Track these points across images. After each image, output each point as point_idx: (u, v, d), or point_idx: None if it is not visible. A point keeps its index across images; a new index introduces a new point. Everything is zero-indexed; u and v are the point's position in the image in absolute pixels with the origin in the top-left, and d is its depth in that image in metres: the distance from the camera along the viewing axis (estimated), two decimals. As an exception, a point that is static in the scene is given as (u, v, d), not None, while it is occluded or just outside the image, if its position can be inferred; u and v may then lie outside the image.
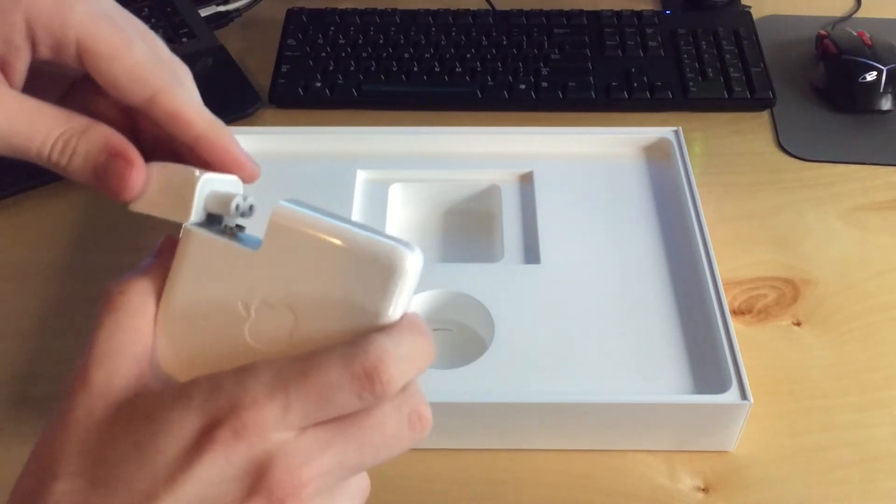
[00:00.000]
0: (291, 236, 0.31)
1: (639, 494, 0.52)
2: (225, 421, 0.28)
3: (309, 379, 0.29)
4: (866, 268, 0.65)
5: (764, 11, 0.90)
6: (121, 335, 0.32)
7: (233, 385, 0.29)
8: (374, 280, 0.30)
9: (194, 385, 0.30)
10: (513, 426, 0.53)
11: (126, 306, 0.32)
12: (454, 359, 0.56)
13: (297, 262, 0.31)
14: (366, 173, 0.68)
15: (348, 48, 0.83)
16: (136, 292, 0.32)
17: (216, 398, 0.29)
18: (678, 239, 0.62)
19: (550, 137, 0.70)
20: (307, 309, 0.31)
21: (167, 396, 0.30)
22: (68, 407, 0.31)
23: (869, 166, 0.74)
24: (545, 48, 0.83)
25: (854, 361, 0.59)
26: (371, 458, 0.30)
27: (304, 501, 0.29)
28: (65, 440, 0.30)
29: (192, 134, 0.33)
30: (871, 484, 0.53)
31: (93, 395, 0.31)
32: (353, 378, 0.29)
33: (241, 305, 0.32)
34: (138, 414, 0.30)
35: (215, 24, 0.88)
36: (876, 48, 0.79)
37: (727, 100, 0.79)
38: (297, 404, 0.29)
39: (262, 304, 0.31)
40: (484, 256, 0.64)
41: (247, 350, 0.32)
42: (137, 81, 0.32)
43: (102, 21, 0.32)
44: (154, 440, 0.29)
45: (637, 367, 0.55)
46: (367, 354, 0.29)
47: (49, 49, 0.32)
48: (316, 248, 0.31)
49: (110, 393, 0.31)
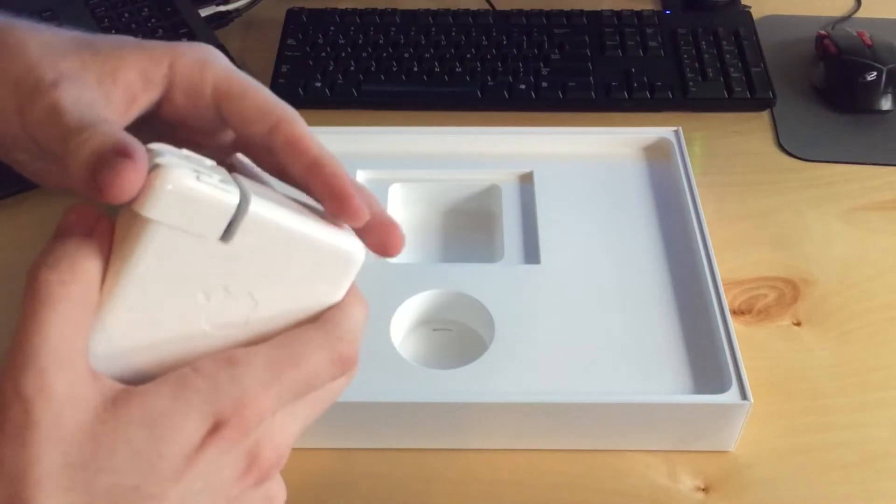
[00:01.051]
0: (264, 231, 0.31)
1: (639, 494, 0.52)
2: (230, 420, 0.30)
3: (298, 369, 0.32)
4: (866, 268, 0.65)
5: (764, 11, 0.90)
6: (70, 332, 0.29)
7: (230, 383, 0.30)
8: (335, 270, 0.34)
9: (189, 385, 0.30)
10: (512, 426, 0.53)
11: (70, 299, 0.30)
12: (454, 359, 0.56)
13: (266, 253, 0.32)
14: (366, 173, 0.68)
15: (348, 48, 0.83)
16: (80, 281, 0.30)
17: (216, 399, 0.30)
18: (678, 239, 0.62)
19: (550, 137, 0.70)
20: (268, 295, 0.33)
21: (163, 399, 0.30)
22: (26, 421, 0.28)
23: (869, 166, 0.74)
24: (545, 48, 0.83)
25: (854, 361, 0.59)
26: (322, 411, 0.35)
27: (283, 464, 0.34)
28: (37, 457, 0.28)
29: (306, 160, 0.35)
30: (871, 484, 0.53)
31: (58, 404, 0.28)
32: (333, 364, 0.33)
33: (201, 294, 0.32)
34: (131, 419, 0.29)
35: (215, 24, 0.88)
36: (876, 48, 0.79)
37: (727, 100, 0.79)
38: (287, 392, 0.32)
39: (224, 291, 0.32)
40: (484, 256, 0.64)
41: (202, 335, 0.32)
42: (264, 114, 0.36)
43: (232, 72, 0.37)
44: (157, 445, 0.29)
45: (637, 367, 0.55)
46: (342, 341, 0.33)
47: (182, 92, 0.36)
48: (287, 242, 0.32)
49: (78, 399, 0.29)
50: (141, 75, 0.35)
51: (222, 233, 0.31)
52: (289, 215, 0.32)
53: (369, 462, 0.54)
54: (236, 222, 0.31)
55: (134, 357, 0.31)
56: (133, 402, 0.30)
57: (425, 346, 0.59)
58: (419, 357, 0.58)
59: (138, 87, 0.35)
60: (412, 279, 0.59)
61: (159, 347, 0.32)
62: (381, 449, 0.54)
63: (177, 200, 0.30)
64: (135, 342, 0.31)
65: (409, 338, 0.59)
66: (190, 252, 0.31)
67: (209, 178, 0.30)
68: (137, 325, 0.31)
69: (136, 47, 0.36)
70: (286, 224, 0.32)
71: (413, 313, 0.59)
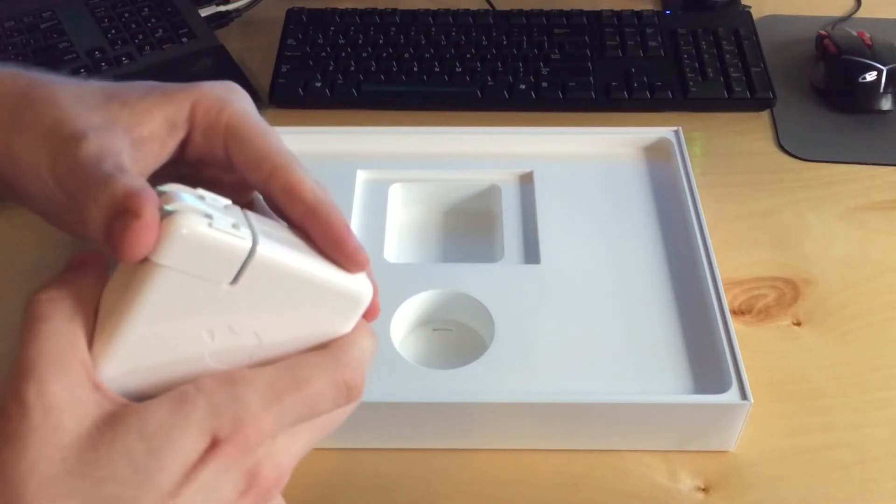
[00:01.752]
0: (271, 273, 0.32)
1: (639, 494, 0.52)
2: (229, 437, 0.30)
3: (301, 391, 0.32)
4: (866, 268, 0.65)
5: (764, 11, 0.90)
6: (65, 342, 0.30)
7: (231, 400, 0.31)
8: (342, 308, 0.34)
9: (189, 401, 0.30)
10: (513, 426, 0.53)
11: (59, 313, 0.31)
12: (454, 359, 0.56)
13: (273, 294, 0.32)
14: (366, 173, 0.68)
15: (348, 48, 0.83)
16: (68, 298, 0.31)
17: (216, 415, 0.30)
18: (678, 239, 0.62)
19: (550, 137, 0.70)
20: (273, 333, 0.33)
21: (163, 413, 0.30)
22: (26, 426, 0.28)
23: (869, 166, 0.74)
24: (545, 48, 0.83)
25: (854, 361, 0.59)
26: (324, 435, 0.36)
27: (283, 485, 0.34)
28: (37, 462, 0.28)
29: (302, 208, 0.35)
30: (871, 484, 0.53)
31: (58, 410, 0.29)
32: (337, 389, 0.33)
33: (205, 333, 0.32)
34: (130, 430, 0.29)
35: (215, 24, 0.88)
36: (876, 48, 0.79)
37: (727, 100, 0.79)
38: (289, 414, 0.32)
39: (229, 330, 0.32)
40: (484, 256, 0.64)
41: (203, 367, 0.32)
42: (262, 161, 0.36)
43: (245, 115, 0.37)
44: (156, 458, 0.29)
45: (637, 367, 0.55)
46: (347, 367, 0.34)
47: (201, 132, 0.37)
48: (293, 283, 0.32)
49: (78, 406, 0.29)
50: (166, 121, 0.36)
51: (232, 278, 0.31)
52: (297, 257, 0.32)
53: (370, 462, 0.54)
54: (245, 266, 0.31)
55: (135, 381, 0.32)
56: (133, 415, 0.30)
57: (425, 346, 0.59)
58: (419, 357, 0.58)
59: (164, 134, 0.36)
60: (412, 279, 0.59)
61: (162, 374, 0.32)
62: (382, 449, 0.54)
63: (188, 247, 0.30)
64: (137, 368, 0.32)
65: (409, 338, 0.59)
66: (197, 293, 0.31)
67: (221, 223, 0.30)
68: (140, 355, 0.31)
69: (161, 94, 0.36)
70: (294, 266, 0.32)
71: (413, 313, 0.59)
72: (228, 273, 0.31)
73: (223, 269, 0.31)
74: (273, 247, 0.32)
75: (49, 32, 0.84)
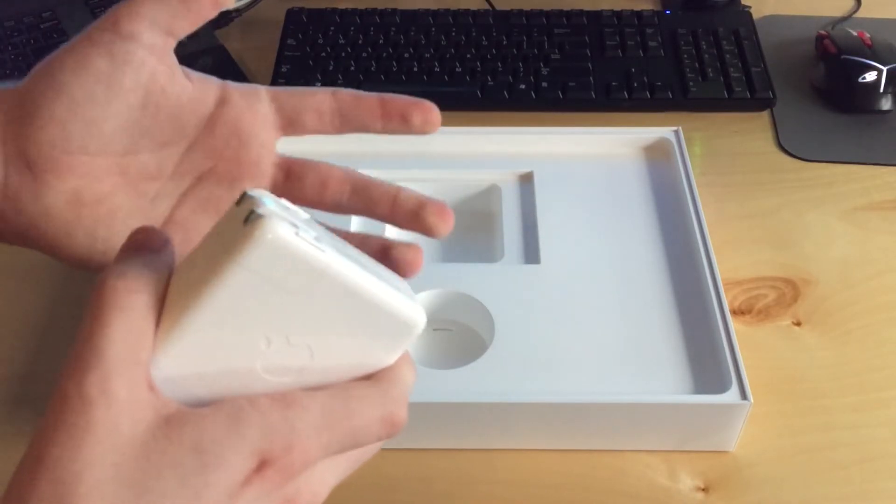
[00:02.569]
0: (341, 291, 0.31)
1: (639, 494, 0.52)
2: (277, 461, 0.30)
3: (351, 422, 0.32)
4: (866, 268, 0.65)
5: (764, 11, 0.90)
6: (134, 340, 0.29)
7: (284, 423, 0.30)
8: (395, 334, 0.33)
9: (245, 420, 0.30)
10: (513, 426, 0.53)
11: (136, 307, 0.30)
12: (454, 359, 0.56)
13: (337, 312, 0.32)
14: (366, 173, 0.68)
15: (348, 48, 0.83)
16: (146, 292, 0.30)
17: (269, 437, 0.30)
18: (678, 239, 0.62)
19: (550, 137, 0.70)
20: (326, 349, 0.32)
21: (217, 428, 0.29)
22: (84, 422, 0.28)
23: (869, 166, 0.74)
24: (545, 48, 0.83)
25: (854, 361, 0.59)
26: (359, 465, 0.36)
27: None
28: (91, 464, 0.27)
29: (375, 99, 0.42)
30: (871, 484, 0.53)
31: (117, 410, 0.28)
32: (384, 424, 0.33)
33: (263, 340, 0.32)
34: (183, 442, 0.29)
35: (215, 24, 0.88)
36: (876, 48, 0.79)
37: (727, 100, 0.79)
38: (336, 444, 0.32)
39: (285, 340, 0.32)
40: (484, 256, 0.64)
41: (254, 378, 0.32)
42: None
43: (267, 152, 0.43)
44: (204, 473, 0.29)
45: (637, 367, 0.55)
46: (395, 402, 0.33)
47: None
48: (359, 305, 0.32)
49: (136, 408, 0.28)
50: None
51: (306, 289, 0.31)
52: (367, 278, 0.32)
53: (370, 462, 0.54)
54: (322, 279, 0.31)
55: (187, 384, 0.31)
56: (187, 425, 0.29)
57: (425, 346, 0.59)
58: (419, 357, 0.58)
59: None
60: (412, 279, 0.59)
61: (212, 380, 0.31)
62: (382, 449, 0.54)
63: (272, 253, 0.29)
64: (191, 370, 0.31)
65: (410, 338, 0.59)
66: (267, 299, 0.31)
67: (306, 234, 0.30)
68: (197, 356, 0.31)
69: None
70: (364, 287, 0.32)
71: (413, 313, 0.59)
72: (304, 284, 0.31)
73: (300, 280, 0.30)
74: (349, 265, 0.31)
75: (49, 32, 0.84)
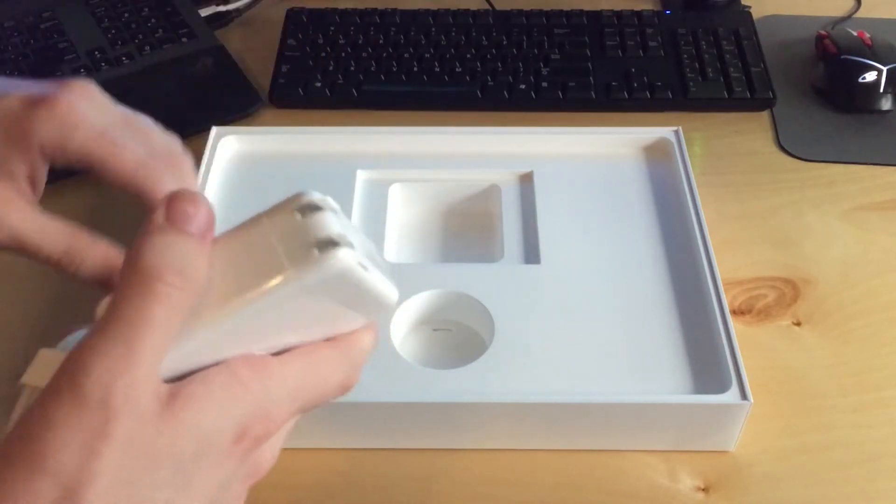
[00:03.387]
0: (358, 291, 0.32)
1: (639, 494, 0.52)
2: (255, 430, 0.31)
3: (319, 390, 0.33)
4: (866, 268, 0.65)
5: (764, 11, 0.90)
6: (168, 344, 0.29)
7: (264, 396, 0.31)
8: (372, 310, 0.34)
9: (235, 398, 0.30)
10: (513, 426, 0.53)
11: (183, 309, 0.29)
12: (454, 359, 0.56)
13: (338, 297, 0.32)
14: (366, 173, 0.68)
15: (348, 48, 0.83)
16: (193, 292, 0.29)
17: (252, 411, 0.30)
18: (678, 239, 0.62)
19: (550, 137, 0.70)
20: (310, 323, 0.33)
21: (211, 411, 0.29)
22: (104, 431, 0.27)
23: (869, 166, 0.74)
24: (545, 48, 0.83)
25: (854, 361, 0.59)
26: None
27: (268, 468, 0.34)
28: (102, 472, 0.27)
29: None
30: (871, 484, 0.53)
31: (138, 420, 0.27)
32: (342, 388, 0.34)
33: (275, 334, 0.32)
34: (183, 433, 0.28)
35: (215, 24, 0.88)
36: (876, 48, 0.79)
37: (727, 100, 0.79)
38: (302, 408, 0.33)
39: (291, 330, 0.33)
40: (484, 256, 0.64)
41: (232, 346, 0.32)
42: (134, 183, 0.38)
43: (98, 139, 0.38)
44: (198, 459, 0.29)
45: (637, 367, 0.55)
46: (354, 368, 0.34)
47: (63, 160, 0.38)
48: (364, 297, 0.32)
49: (148, 413, 0.28)
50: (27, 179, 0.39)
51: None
52: (376, 274, 0.32)
53: (370, 462, 0.54)
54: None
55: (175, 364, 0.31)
56: (185, 412, 0.29)
57: (425, 346, 0.59)
58: (419, 357, 0.58)
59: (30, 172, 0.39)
60: (412, 279, 0.59)
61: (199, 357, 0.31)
62: (382, 449, 0.54)
63: (334, 278, 0.30)
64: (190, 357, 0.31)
65: (409, 338, 0.59)
66: (295, 306, 0.31)
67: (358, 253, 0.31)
68: (204, 349, 0.31)
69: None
70: (376, 287, 0.32)
71: (413, 313, 0.59)
72: (338, 294, 0.31)
73: (339, 293, 0.31)
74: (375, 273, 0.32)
75: (49, 32, 0.84)
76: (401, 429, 0.53)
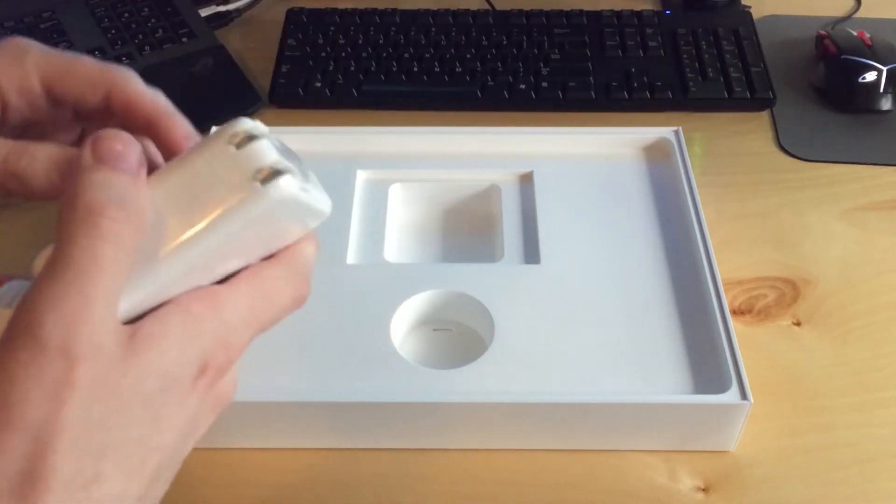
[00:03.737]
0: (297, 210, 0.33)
1: (639, 494, 0.52)
2: (215, 361, 0.31)
3: (272, 309, 0.33)
4: (866, 268, 0.65)
5: (764, 11, 0.90)
6: (121, 286, 0.28)
7: (221, 328, 0.31)
8: (309, 222, 0.35)
9: (194, 335, 0.30)
10: (513, 426, 0.53)
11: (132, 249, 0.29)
12: (454, 359, 0.56)
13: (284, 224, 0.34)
14: (366, 173, 0.68)
15: (348, 48, 0.83)
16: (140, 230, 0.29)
17: (212, 345, 0.31)
18: (678, 239, 0.62)
19: (550, 137, 0.70)
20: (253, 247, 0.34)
21: (172, 349, 0.29)
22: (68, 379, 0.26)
23: (869, 166, 0.74)
24: (545, 48, 0.83)
25: (854, 361, 0.59)
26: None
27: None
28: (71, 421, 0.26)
29: (145, 116, 0.35)
30: (871, 484, 0.53)
31: (104, 365, 0.27)
32: (295, 302, 0.34)
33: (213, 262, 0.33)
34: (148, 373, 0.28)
35: (215, 24, 0.88)
36: (876, 48, 0.79)
37: (727, 100, 0.79)
38: (259, 331, 0.33)
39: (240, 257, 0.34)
40: (484, 256, 0.64)
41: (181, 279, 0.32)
42: (96, 83, 0.35)
43: (49, 55, 0.36)
44: (164, 394, 0.29)
45: (637, 367, 0.55)
46: (303, 280, 0.34)
47: (18, 95, 0.35)
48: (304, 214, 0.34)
49: (114, 356, 0.28)
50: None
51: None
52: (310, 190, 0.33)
53: (369, 462, 0.54)
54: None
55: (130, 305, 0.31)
56: (149, 352, 0.29)
57: (425, 346, 0.59)
58: (419, 357, 0.58)
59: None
60: (412, 279, 0.59)
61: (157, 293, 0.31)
62: (382, 449, 0.54)
63: (278, 205, 0.31)
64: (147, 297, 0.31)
65: (409, 338, 0.59)
66: (244, 236, 0.32)
67: (298, 179, 0.32)
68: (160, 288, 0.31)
69: None
70: (313, 203, 0.33)
71: (413, 313, 0.59)
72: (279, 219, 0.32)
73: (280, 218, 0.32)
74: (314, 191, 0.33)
75: (49, 32, 0.84)
76: (401, 429, 0.53)
